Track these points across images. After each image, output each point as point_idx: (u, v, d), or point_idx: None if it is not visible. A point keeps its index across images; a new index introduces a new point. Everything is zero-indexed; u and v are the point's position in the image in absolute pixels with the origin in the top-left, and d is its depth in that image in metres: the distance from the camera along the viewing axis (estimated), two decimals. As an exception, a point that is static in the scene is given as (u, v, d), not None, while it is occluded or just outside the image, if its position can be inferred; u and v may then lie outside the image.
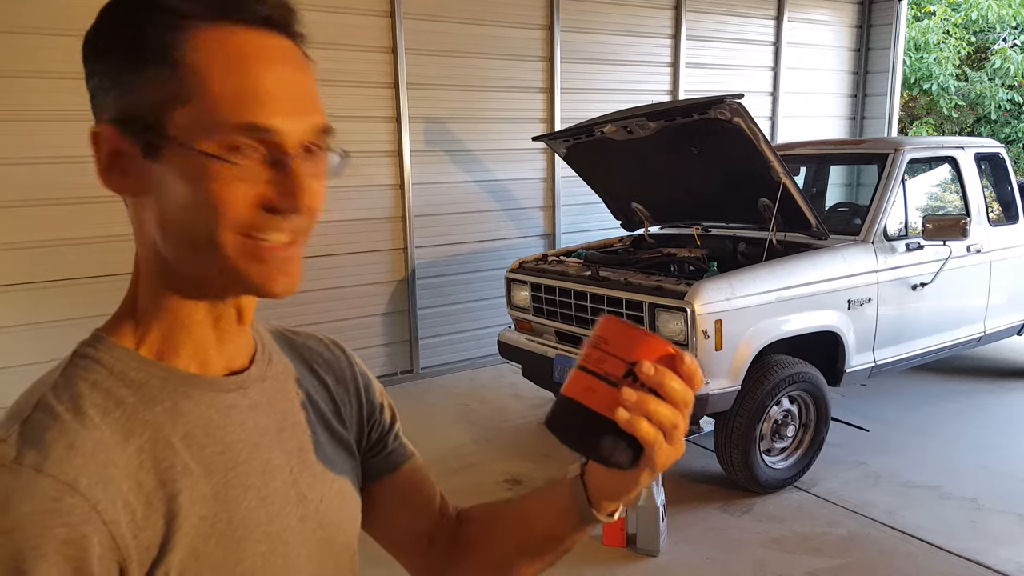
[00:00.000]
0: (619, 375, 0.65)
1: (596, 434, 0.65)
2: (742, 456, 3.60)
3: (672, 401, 0.65)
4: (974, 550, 3.20)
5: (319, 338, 0.90)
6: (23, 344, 4.16)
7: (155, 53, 0.61)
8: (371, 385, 0.91)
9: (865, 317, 3.97)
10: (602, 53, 6.21)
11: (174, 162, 0.62)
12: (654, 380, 0.65)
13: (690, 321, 3.37)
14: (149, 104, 0.62)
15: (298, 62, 0.65)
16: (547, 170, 6.11)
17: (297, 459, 0.75)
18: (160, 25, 0.61)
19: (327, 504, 0.76)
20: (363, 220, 5.32)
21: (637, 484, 0.72)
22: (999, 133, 12.20)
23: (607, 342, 0.66)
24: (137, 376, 0.66)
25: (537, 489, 0.86)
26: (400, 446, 0.92)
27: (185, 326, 0.69)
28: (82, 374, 0.65)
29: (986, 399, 5.03)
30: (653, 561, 3.19)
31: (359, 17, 5.09)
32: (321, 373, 0.85)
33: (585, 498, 0.77)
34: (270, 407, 0.74)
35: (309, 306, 5.14)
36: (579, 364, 0.68)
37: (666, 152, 4.11)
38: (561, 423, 0.68)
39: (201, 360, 0.70)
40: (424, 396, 5.31)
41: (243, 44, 0.62)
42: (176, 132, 0.61)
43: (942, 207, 4.86)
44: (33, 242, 4.21)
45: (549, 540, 0.83)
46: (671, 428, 0.66)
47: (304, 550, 0.73)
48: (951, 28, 12.21)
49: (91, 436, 0.60)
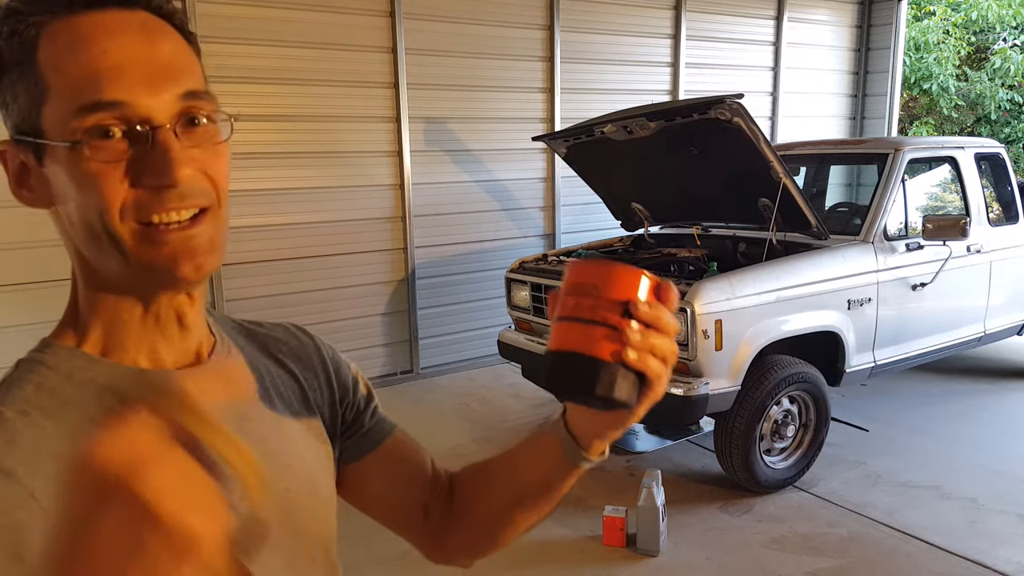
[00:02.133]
0: (617, 316, 0.65)
1: (609, 382, 0.65)
2: (742, 456, 3.59)
3: (666, 332, 0.66)
4: (974, 550, 3.20)
5: (284, 327, 0.88)
6: (23, 344, 4.13)
7: (16, 60, 0.61)
8: (341, 367, 0.89)
9: (865, 317, 3.97)
10: (602, 53, 6.21)
11: (56, 162, 0.62)
12: (650, 316, 0.65)
13: (690, 321, 3.37)
14: (25, 111, 0.61)
15: (154, 31, 0.63)
16: (547, 170, 6.11)
17: (261, 450, 0.74)
18: (13, 32, 0.60)
19: (294, 495, 0.75)
20: (363, 220, 5.31)
21: (633, 419, 0.72)
22: (999, 133, 12.19)
23: (595, 287, 0.65)
24: (84, 375, 0.65)
25: (524, 440, 0.85)
26: (379, 423, 0.91)
27: (125, 322, 0.68)
28: (27, 376, 0.64)
29: (986, 399, 5.03)
30: (653, 561, 3.18)
31: (359, 17, 5.09)
32: (286, 362, 0.83)
33: (574, 443, 0.77)
34: (229, 399, 0.73)
35: (309, 306, 5.15)
36: (568, 316, 0.66)
37: (666, 152, 4.11)
38: (571, 381, 0.66)
39: (149, 355, 0.69)
40: (424, 396, 5.31)
41: (86, 26, 0.60)
42: (48, 132, 0.61)
43: (942, 207, 4.85)
44: (33, 242, 4.20)
45: (543, 489, 0.82)
46: (671, 357, 0.67)
47: (273, 538, 0.71)
48: (951, 28, 12.20)
49: (33, 434, 0.60)
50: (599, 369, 0.64)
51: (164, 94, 0.61)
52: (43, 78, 0.60)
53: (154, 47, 0.62)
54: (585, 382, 0.65)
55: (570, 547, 3.29)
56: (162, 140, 0.60)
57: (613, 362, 0.64)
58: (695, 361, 3.41)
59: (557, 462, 0.79)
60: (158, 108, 0.61)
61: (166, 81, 0.61)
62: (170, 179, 0.60)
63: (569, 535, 3.36)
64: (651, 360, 0.65)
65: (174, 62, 0.63)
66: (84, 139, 0.59)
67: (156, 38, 0.62)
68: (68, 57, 0.60)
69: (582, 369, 0.65)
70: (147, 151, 0.60)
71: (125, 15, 0.62)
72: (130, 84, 0.60)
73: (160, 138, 0.60)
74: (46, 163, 0.62)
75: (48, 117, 0.60)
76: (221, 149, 0.66)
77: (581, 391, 0.65)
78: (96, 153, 0.59)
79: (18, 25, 0.60)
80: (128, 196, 0.60)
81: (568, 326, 0.66)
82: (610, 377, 0.64)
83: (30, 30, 0.60)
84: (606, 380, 0.64)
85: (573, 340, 0.65)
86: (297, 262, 5.10)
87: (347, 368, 0.90)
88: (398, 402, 5.13)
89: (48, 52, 0.60)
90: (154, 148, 0.60)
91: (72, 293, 0.70)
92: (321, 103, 5.02)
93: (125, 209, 0.61)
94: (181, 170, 0.61)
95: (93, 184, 0.60)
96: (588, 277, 0.66)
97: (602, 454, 0.78)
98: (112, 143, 0.60)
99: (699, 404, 3.40)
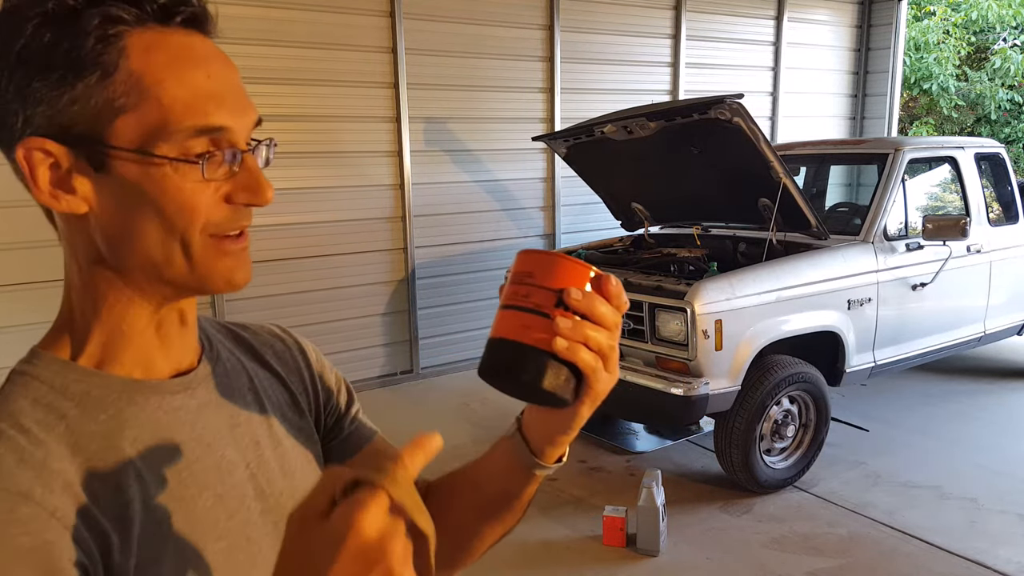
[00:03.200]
0: (551, 305, 0.63)
1: (537, 371, 0.63)
2: (742, 456, 3.59)
3: (603, 324, 0.64)
4: (974, 550, 3.20)
5: (269, 330, 0.89)
6: (23, 344, 4.14)
7: (83, 63, 0.59)
8: (325, 371, 0.90)
9: (865, 317, 3.97)
10: (602, 53, 6.21)
11: (128, 171, 0.61)
12: (583, 306, 0.63)
13: (690, 321, 3.37)
14: (87, 115, 0.60)
15: (228, 60, 0.67)
16: (547, 170, 6.10)
17: (254, 454, 0.74)
18: (84, 33, 0.59)
19: (288, 497, 0.75)
20: (363, 220, 5.31)
21: (577, 420, 0.71)
22: (999, 133, 12.19)
23: (531, 275, 0.64)
24: (78, 388, 0.65)
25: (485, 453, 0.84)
26: (358, 429, 0.90)
27: (126, 334, 0.68)
28: (21, 391, 0.64)
29: (986, 399, 5.03)
30: (653, 561, 3.18)
31: (359, 17, 5.09)
32: (273, 365, 0.84)
33: (527, 450, 0.76)
34: (220, 405, 0.74)
35: (309, 306, 5.15)
36: (505, 303, 0.65)
37: (666, 152, 4.11)
38: (498, 368, 0.65)
39: (144, 365, 0.69)
40: (424, 396, 5.31)
41: (180, 46, 0.62)
42: (122, 142, 0.61)
43: (942, 207, 4.86)
44: (33, 242, 4.20)
45: (504, 498, 0.81)
46: (608, 351, 0.65)
47: (267, 544, 0.72)
48: (951, 28, 12.21)
49: (37, 451, 0.60)
50: (526, 357, 0.63)
51: (246, 119, 0.66)
52: (128, 88, 0.60)
53: (235, 75, 0.67)
54: (513, 370, 0.64)
55: (570, 547, 3.29)
56: (251, 163, 0.66)
57: (543, 351, 0.63)
58: (695, 361, 3.41)
59: (514, 470, 0.78)
60: (245, 134, 0.66)
61: (248, 108, 0.66)
62: (262, 199, 0.66)
63: (569, 535, 3.36)
64: (582, 352, 0.63)
65: (246, 92, 0.67)
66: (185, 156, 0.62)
67: (232, 67, 0.67)
68: (168, 74, 0.61)
69: (511, 357, 0.64)
70: (242, 173, 0.65)
71: (203, 40, 0.65)
72: (231, 111, 0.64)
73: (248, 161, 0.66)
74: (113, 170, 0.61)
75: (126, 127, 0.60)
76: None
77: (509, 379, 0.64)
78: (212, 172, 0.63)
79: (108, 28, 0.59)
80: (216, 213, 0.65)
81: (505, 313, 0.65)
82: (537, 366, 0.63)
83: (110, 35, 0.59)
84: (532, 368, 0.63)
85: (507, 328, 0.64)
86: (297, 262, 5.09)
87: (330, 372, 0.90)
88: (398, 402, 5.14)
89: (142, 63, 0.60)
90: (248, 171, 0.65)
91: (66, 301, 0.69)
92: (321, 103, 5.02)
93: (209, 224, 0.65)
94: (268, 191, 0.66)
95: (186, 198, 0.63)
96: (528, 266, 0.65)
97: (558, 461, 0.77)
98: (217, 163, 0.64)
99: (699, 404, 3.40)
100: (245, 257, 0.68)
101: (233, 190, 0.65)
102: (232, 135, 0.64)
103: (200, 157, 0.63)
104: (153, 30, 0.62)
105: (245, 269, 0.68)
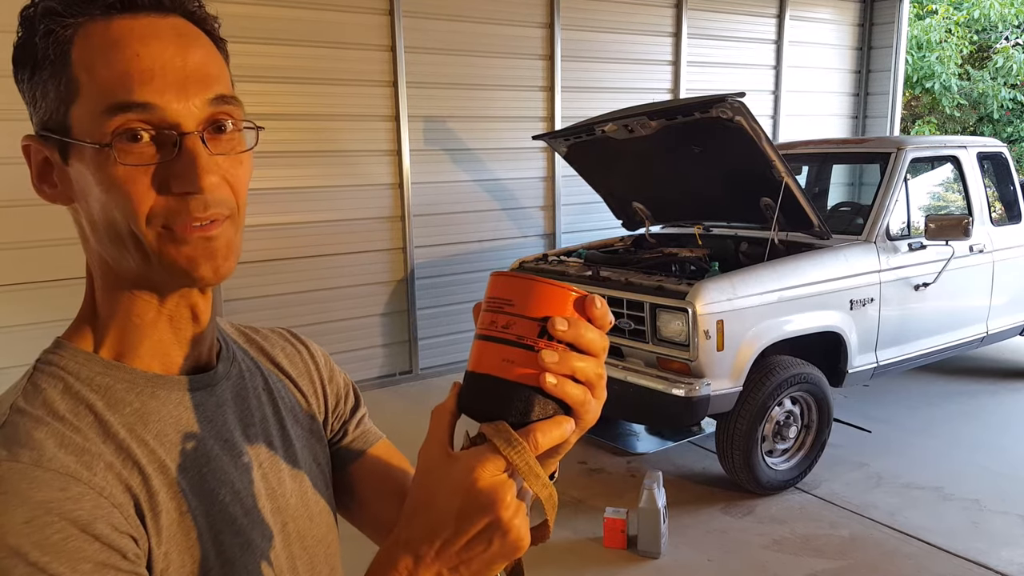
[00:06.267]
0: (533, 336, 0.57)
1: (524, 409, 0.58)
2: (744, 457, 3.58)
3: (591, 352, 0.59)
4: (976, 551, 3.19)
5: (281, 333, 0.90)
6: (23, 344, 4.15)
7: (49, 58, 0.61)
8: (335, 374, 0.91)
9: (867, 317, 3.95)
10: (603, 51, 6.19)
11: (81, 162, 0.62)
12: (569, 336, 0.57)
13: (691, 321, 3.35)
14: (53, 109, 0.62)
15: (187, 37, 0.63)
16: (547, 169, 6.09)
17: (267, 454, 0.76)
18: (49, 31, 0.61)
19: (298, 498, 0.77)
20: (362, 220, 5.30)
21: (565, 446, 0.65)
22: (1001, 132, 12.17)
23: (511, 303, 0.58)
24: (103, 381, 0.66)
25: None
26: (363, 433, 0.91)
27: (138, 327, 0.69)
28: (49, 380, 0.65)
29: (988, 400, 5.01)
30: (654, 563, 3.17)
31: (358, 15, 5.07)
32: (285, 367, 0.85)
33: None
34: (236, 404, 0.75)
35: (308, 306, 5.13)
36: (484, 334, 0.60)
37: (667, 151, 4.09)
38: (482, 405, 0.60)
39: (162, 360, 0.70)
40: (424, 396, 5.29)
41: (120, 30, 0.61)
42: (76, 132, 0.62)
43: (944, 207, 4.84)
44: (33, 242, 4.19)
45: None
46: (596, 380, 0.60)
47: (278, 543, 0.73)
48: (953, 27, 12.18)
49: (76, 437, 0.61)
50: (511, 394, 0.58)
51: (194, 99, 0.62)
52: (74, 78, 0.61)
53: (186, 53, 0.62)
54: (498, 408, 0.59)
55: (571, 549, 3.27)
56: (190, 146, 0.61)
57: (529, 386, 0.58)
58: (696, 362, 3.39)
59: None
60: (187, 114, 0.61)
61: (196, 87, 0.62)
62: (196, 186, 0.61)
63: (570, 537, 3.35)
64: (570, 387, 0.58)
65: (205, 69, 0.63)
66: (113, 141, 0.60)
67: (188, 44, 0.63)
68: (100, 59, 0.60)
69: (496, 394, 0.59)
70: (174, 157, 0.61)
71: (159, 20, 0.62)
72: (161, 88, 0.60)
73: (188, 144, 0.61)
74: (71, 162, 0.63)
75: (77, 117, 0.61)
76: (244, 158, 0.67)
77: (495, 418, 0.59)
78: (124, 156, 0.60)
79: (54, 24, 0.61)
80: (156, 203, 0.62)
81: (484, 345, 0.60)
82: (525, 404, 0.58)
83: (66, 30, 0.61)
84: (520, 407, 0.58)
85: (488, 363, 0.59)
86: (296, 262, 5.08)
87: (339, 375, 0.92)
88: (397, 403, 5.12)
89: (81, 53, 0.61)
90: (181, 154, 0.61)
91: (88, 292, 0.71)
92: (320, 102, 5.01)
93: (152, 216, 0.62)
94: (207, 178, 0.61)
95: (120, 188, 0.61)
96: (506, 292, 0.59)
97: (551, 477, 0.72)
98: (140, 147, 0.60)
99: (700, 405, 3.39)
100: (213, 248, 0.64)
101: (166, 177, 0.61)
102: (163, 114, 0.60)
103: (127, 141, 0.60)
104: (99, 20, 0.61)
105: (214, 260, 0.64)
